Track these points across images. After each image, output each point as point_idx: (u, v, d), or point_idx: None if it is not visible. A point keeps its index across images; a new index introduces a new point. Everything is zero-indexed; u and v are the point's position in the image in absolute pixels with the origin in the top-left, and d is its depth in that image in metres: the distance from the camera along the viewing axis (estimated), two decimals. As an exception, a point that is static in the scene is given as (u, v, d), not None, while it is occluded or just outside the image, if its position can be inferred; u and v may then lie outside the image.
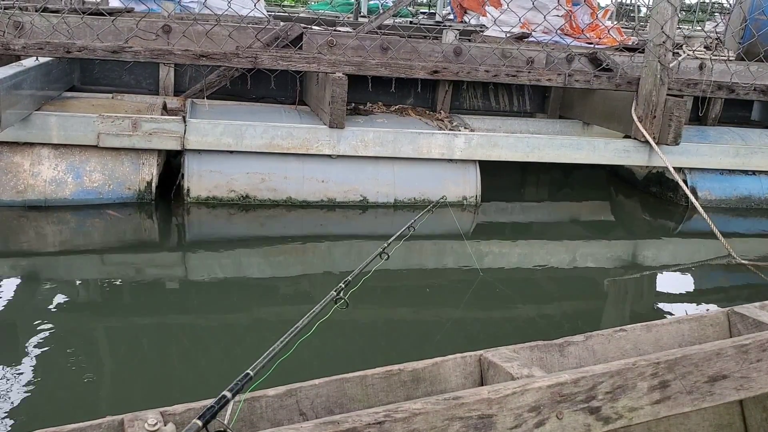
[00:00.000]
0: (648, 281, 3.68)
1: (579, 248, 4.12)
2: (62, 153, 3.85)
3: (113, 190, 3.89)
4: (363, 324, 2.77)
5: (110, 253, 3.44)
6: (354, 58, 4.21)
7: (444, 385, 1.52)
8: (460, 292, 3.22)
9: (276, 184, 4.10)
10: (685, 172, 4.82)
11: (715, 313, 1.87)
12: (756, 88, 4.80)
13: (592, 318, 3.16)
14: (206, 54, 3.97)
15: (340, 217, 4.13)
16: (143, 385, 2.24)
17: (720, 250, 3.86)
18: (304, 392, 1.39)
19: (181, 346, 2.55)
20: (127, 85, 4.86)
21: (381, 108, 5.03)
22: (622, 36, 6.75)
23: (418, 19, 10.99)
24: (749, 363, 1.56)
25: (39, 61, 3.93)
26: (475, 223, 4.29)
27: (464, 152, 4.34)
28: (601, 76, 4.52)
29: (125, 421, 1.22)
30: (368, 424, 1.20)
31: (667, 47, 4.36)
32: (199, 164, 4.04)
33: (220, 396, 1.17)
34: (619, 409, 1.43)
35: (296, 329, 1.36)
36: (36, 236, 3.52)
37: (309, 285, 3.28)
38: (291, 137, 4.08)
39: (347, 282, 1.64)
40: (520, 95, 5.51)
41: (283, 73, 4.64)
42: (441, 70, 4.31)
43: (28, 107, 3.73)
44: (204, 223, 3.93)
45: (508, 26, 5.70)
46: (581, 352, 1.67)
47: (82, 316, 2.73)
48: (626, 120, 4.60)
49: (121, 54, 3.86)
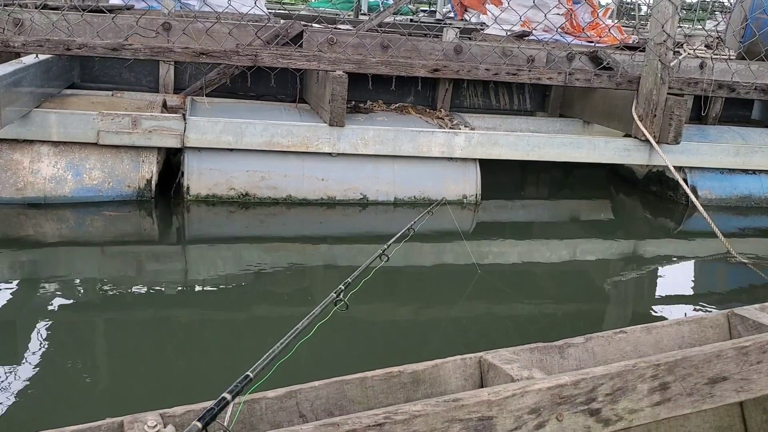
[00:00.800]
0: (648, 280, 3.68)
1: (579, 247, 4.12)
2: (62, 150, 3.85)
3: (113, 188, 3.88)
4: (363, 326, 2.77)
5: (110, 251, 3.43)
6: (354, 56, 4.20)
7: (444, 386, 1.52)
8: (460, 291, 3.22)
9: (276, 182, 4.10)
10: (686, 171, 4.82)
11: (715, 315, 1.87)
12: (756, 87, 4.80)
13: (592, 317, 3.16)
14: (206, 52, 3.97)
15: (340, 215, 4.13)
16: (143, 387, 2.23)
17: (720, 249, 3.86)
18: (304, 394, 1.39)
19: (180, 347, 2.55)
20: (127, 82, 4.86)
21: (381, 106, 5.03)
22: (622, 35, 6.74)
23: (419, 17, 10.98)
24: (749, 365, 1.56)
25: (39, 59, 3.92)
26: (475, 221, 4.28)
27: (464, 151, 4.34)
28: (602, 75, 4.52)
29: (125, 423, 1.22)
30: (368, 426, 1.20)
31: (668, 46, 4.35)
32: (199, 162, 4.03)
33: (220, 398, 1.17)
34: (619, 410, 1.43)
35: (296, 331, 1.35)
36: (35, 234, 3.52)
37: (309, 284, 3.28)
38: (291, 135, 4.08)
39: (347, 284, 1.64)
40: (521, 94, 5.50)
41: (284, 71, 4.63)
42: (441, 69, 4.31)
43: (28, 104, 3.72)
44: (204, 221, 3.93)
45: (508, 24, 5.69)
46: (581, 354, 1.67)
47: (81, 315, 2.72)
48: (627, 119, 4.60)
49: (120, 51, 3.86)
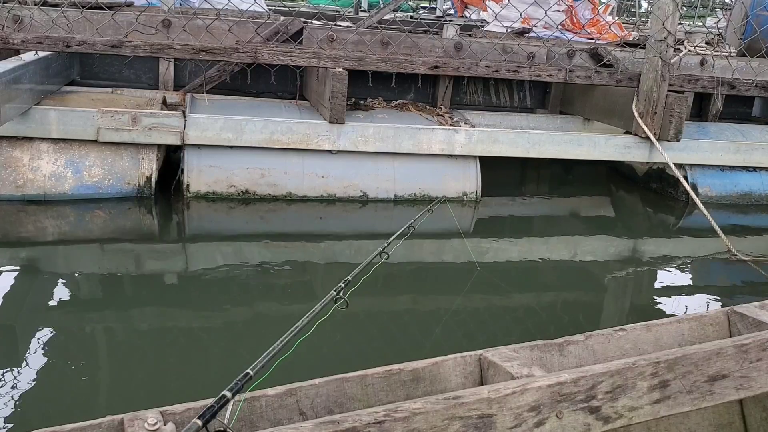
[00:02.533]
0: (648, 277, 3.68)
1: (579, 244, 4.12)
2: (62, 147, 3.84)
3: (113, 185, 3.88)
4: (363, 323, 2.77)
5: (110, 248, 3.43)
6: (354, 53, 4.20)
7: (444, 384, 1.52)
8: (460, 289, 3.22)
9: (276, 179, 4.10)
10: (686, 168, 4.81)
11: (714, 313, 1.87)
12: (757, 84, 4.80)
13: (592, 314, 3.16)
14: (206, 49, 3.96)
15: (340, 212, 4.13)
16: (143, 385, 2.23)
17: (720, 247, 3.85)
18: (304, 392, 1.39)
19: (180, 345, 2.55)
20: (126, 79, 4.85)
21: (381, 103, 5.02)
22: (623, 31, 6.74)
23: (419, 14, 10.97)
24: (749, 362, 1.56)
25: (38, 56, 3.92)
26: (476, 218, 4.28)
27: (464, 148, 4.33)
28: (602, 72, 4.52)
29: (125, 421, 1.22)
30: (368, 424, 1.20)
31: (669, 43, 4.34)
32: (199, 159, 4.03)
33: (220, 395, 1.17)
34: (619, 408, 1.43)
35: (296, 329, 1.35)
36: (35, 231, 3.52)
37: (309, 281, 3.28)
38: (291, 132, 4.07)
39: (347, 281, 1.64)
40: (521, 91, 5.49)
41: (283, 68, 4.62)
42: (441, 66, 4.30)
43: (28, 102, 3.72)
44: (204, 218, 3.93)
45: (508, 21, 5.68)
46: (581, 352, 1.67)
47: (81, 312, 2.72)
48: (627, 116, 4.59)
49: (120, 48, 3.85)
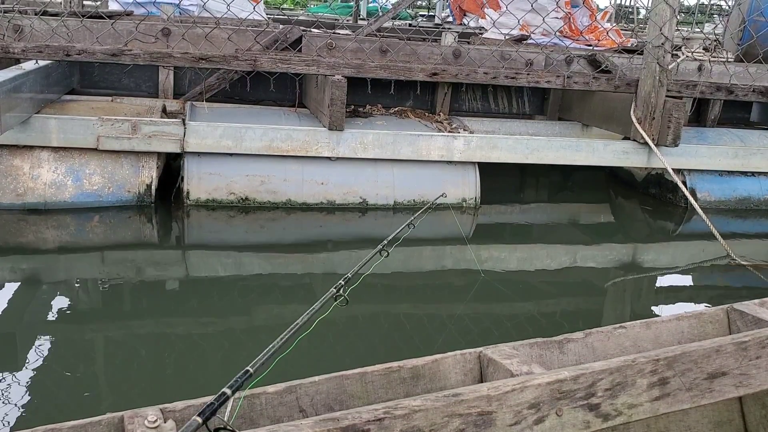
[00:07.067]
0: (647, 283, 3.68)
1: (578, 250, 4.12)
2: (62, 156, 3.85)
3: (113, 193, 3.89)
4: (363, 321, 2.78)
5: (110, 255, 3.44)
6: (353, 61, 4.22)
7: (444, 381, 1.53)
8: (460, 291, 3.22)
9: (275, 186, 4.11)
10: (684, 173, 4.82)
11: (714, 310, 1.87)
12: (755, 90, 4.81)
13: (591, 319, 3.16)
14: (206, 57, 3.98)
15: (340, 219, 4.13)
16: (143, 383, 2.24)
17: (719, 251, 3.86)
18: (304, 389, 1.39)
19: (181, 343, 2.56)
20: (126, 88, 4.87)
21: (380, 110, 5.04)
22: (621, 38, 6.76)
23: (418, 21, 11.01)
24: (748, 360, 1.56)
25: (38, 65, 3.94)
26: (475, 224, 4.29)
27: (463, 154, 4.34)
28: (600, 78, 4.53)
29: (125, 418, 1.22)
30: (368, 421, 1.20)
31: (666, 49, 4.36)
32: (199, 167, 4.04)
33: (220, 393, 1.17)
34: (619, 406, 1.43)
35: (296, 326, 1.36)
36: (35, 239, 3.52)
37: (308, 286, 3.28)
38: (290, 139, 4.08)
39: (347, 279, 1.64)
40: (519, 97, 5.51)
41: (283, 76, 4.64)
42: (440, 72, 4.32)
43: (28, 110, 3.73)
44: (204, 226, 3.93)
45: (507, 28, 5.70)
46: (581, 349, 1.68)
47: (82, 316, 2.73)
48: (625, 121, 4.60)
49: (120, 57, 3.87)
